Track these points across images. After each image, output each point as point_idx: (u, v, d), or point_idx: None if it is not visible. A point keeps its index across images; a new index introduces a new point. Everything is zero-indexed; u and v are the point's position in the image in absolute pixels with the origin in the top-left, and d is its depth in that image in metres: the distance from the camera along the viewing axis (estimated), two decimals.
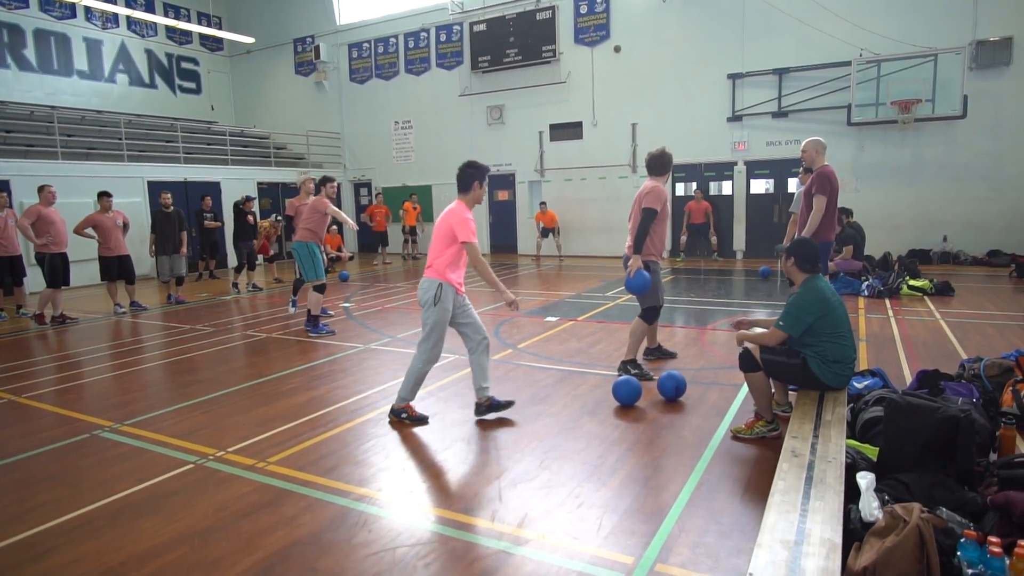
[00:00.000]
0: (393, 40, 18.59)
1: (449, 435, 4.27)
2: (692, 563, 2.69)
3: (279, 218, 13.15)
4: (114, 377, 6.14)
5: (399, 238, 17.23)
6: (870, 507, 2.60)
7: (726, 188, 14.83)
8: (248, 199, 12.35)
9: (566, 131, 16.24)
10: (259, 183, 16.65)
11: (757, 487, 3.32)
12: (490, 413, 4.52)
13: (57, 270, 9.01)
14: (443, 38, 17.71)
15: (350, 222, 8.07)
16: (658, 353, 6.07)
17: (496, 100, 17.06)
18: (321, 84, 20.01)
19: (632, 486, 3.42)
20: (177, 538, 3.04)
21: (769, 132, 13.98)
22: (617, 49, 15.35)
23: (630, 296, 9.59)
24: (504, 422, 4.47)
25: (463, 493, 3.42)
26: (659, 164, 5.69)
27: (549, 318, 7.99)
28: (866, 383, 4.26)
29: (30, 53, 16.80)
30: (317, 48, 19.43)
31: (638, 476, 3.54)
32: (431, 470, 3.75)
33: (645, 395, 4.93)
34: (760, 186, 14.54)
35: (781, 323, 3.85)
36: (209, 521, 3.18)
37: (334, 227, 11.81)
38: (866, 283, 9.26)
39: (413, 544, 2.91)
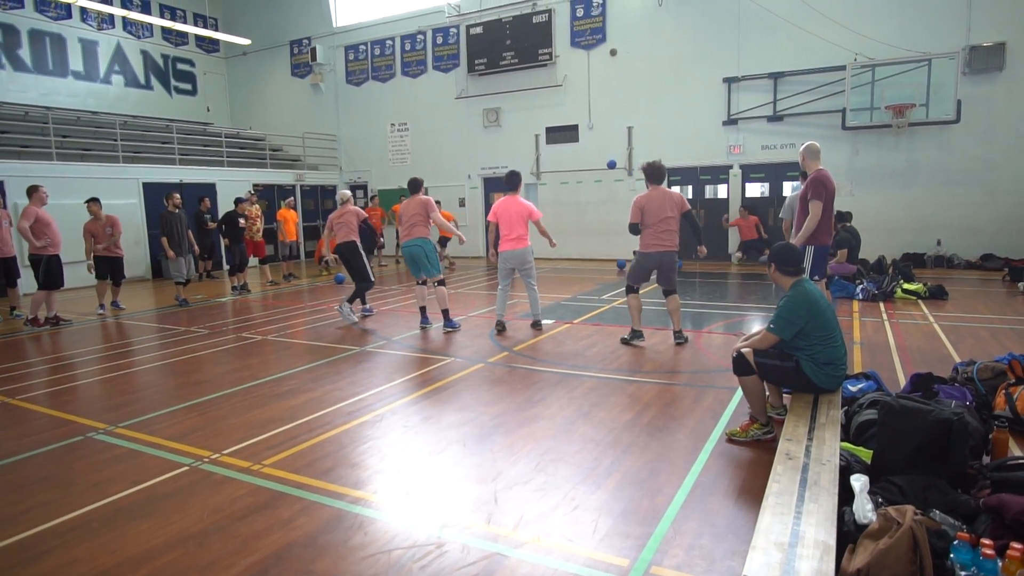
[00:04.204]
0: (390, 42, 18.60)
1: (445, 438, 4.27)
2: (687, 565, 2.70)
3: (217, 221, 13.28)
4: (108, 379, 6.12)
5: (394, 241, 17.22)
6: (864, 509, 2.62)
7: (721, 191, 14.89)
8: (239, 201, 12.32)
9: (562, 134, 16.28)
10: (255, 184, 16.61)
11: (752, 489, 3.33)
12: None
13: (53, 272, 8.97)
14: (440, 41, 17.73)
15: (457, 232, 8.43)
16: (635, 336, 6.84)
17: (492, 103, 17.09)
18: (317, 86, 20.00)
19: (627, 488, 3.43)
20: (172, 541, 3.03)
21: (764, 136, 14.04)
22: (613, 52, 15.40)
23: (625, 300, 9.66)
24: (500, 424, 4.47)
25: (459, 495, 3.42)
26: (660, 173, 6.66)
27: (545, 321, 7.99)
28: (860, 386, 4.27)
29: (25, 53, 16.75)
30: (313, 50, 19.43)
31: (633, 479, 3.55)
32: (427, 473, 3.75)
33: (640, 398, 4.95)
34: (755, 189, 14.61)
35: (772, 327, 3.88)
36: (204, 524, 3.18)
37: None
38: (860, 287, 9.30)
39: (409, 547, 2.91)
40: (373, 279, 8.76)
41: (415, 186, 8.06)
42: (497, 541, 2.94)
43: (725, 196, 14.79)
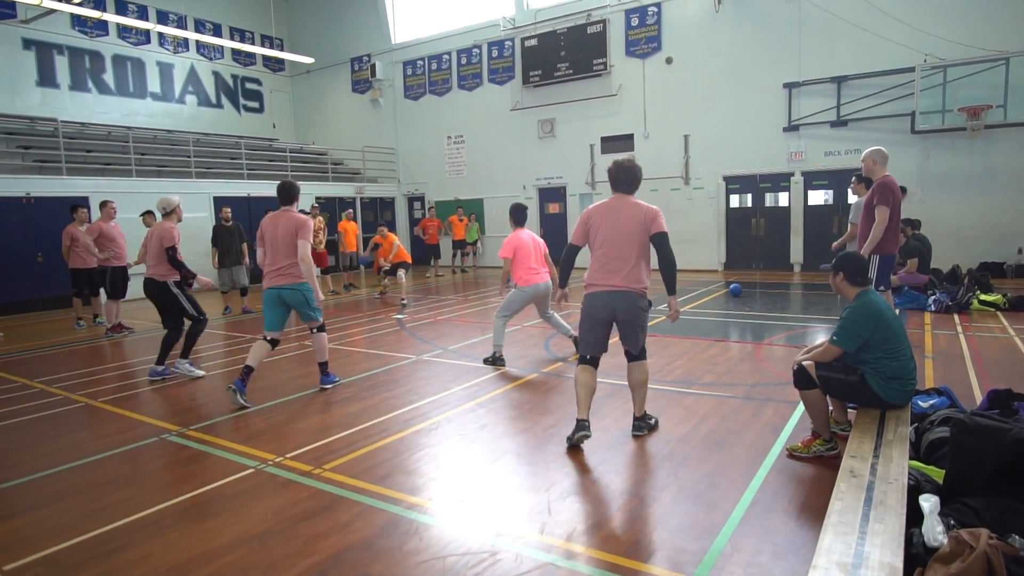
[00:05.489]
0: (446, 57, 18.97)
1: (499, 447, 4.31)
2: None
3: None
4: (179, 384, 6.43)
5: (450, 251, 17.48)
6: (934, 531, 2.50)
7: (782, 199, 14.48)
8: (300, 212, 12.74)
9: (617, 143, 16.20)
10: (317, 198, 17.19)
11: (814, 507, 3.22)
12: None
13: (117, 283, 9.58)
14: (495, 54, 17.96)
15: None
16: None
17: (547, 114, 17.17)
18: (377, 101, 20.56)
19: (683, 502, 3.37)
20: (237, 540, 3.16)
21: (828, 142, 13.60)
22: (669, 60, 15.26)
23: (681, 310, 9.47)
24: (554, 435, 4.47)
25: (512, 505, 3.44)
26: (632, 177, 4.52)
27: None
28: (932, 402, 4.08)
29: (109, 77, 17.88)
30: (373, 66, 20.01)
31: (689, 493, 3.49)
32: (481, 481, 3.78)
33: (697, 411, 4.86)
34: (818, 197, 14.14)
35: (835, 338, 3.75)
36: (268, 524, 3.30)
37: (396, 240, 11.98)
38: (933, 297, 8.87)
39: (463, 553, 2.95)
40: (201, 316, 6.63)
41: (288, 195, 5.86)
42: (550, 551, 2.94)
43: (786, 204, 14.38)
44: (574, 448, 4.17)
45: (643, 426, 4.41)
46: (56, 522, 3.45)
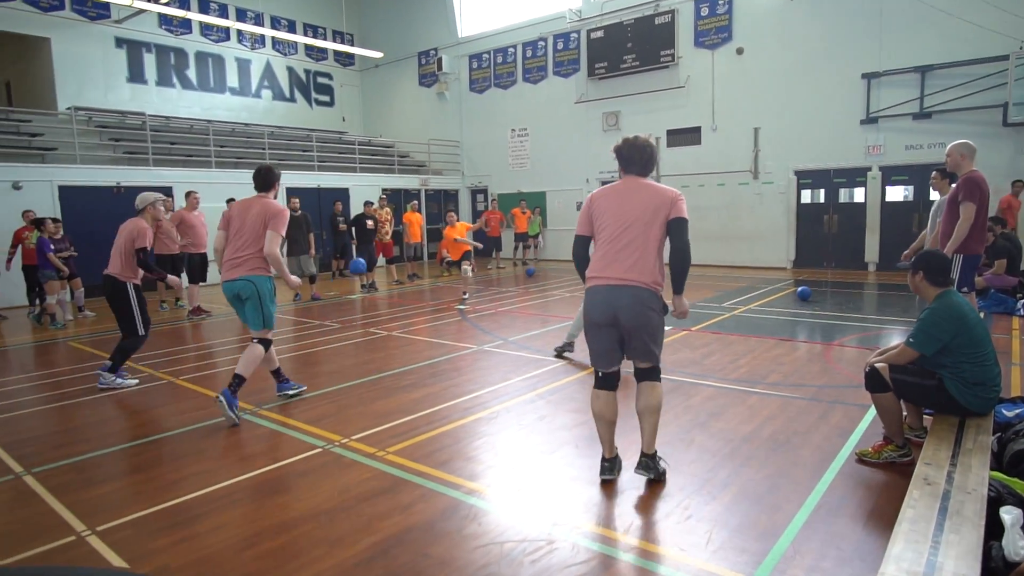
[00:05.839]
0: (511, 50, 19.02)
1: (558, 438, 4.33)
2: None
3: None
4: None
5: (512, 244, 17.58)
6: (1016, 545, 2.38)
7: (858, 195, 13.85)
8: (367, 204, 13.10)
9: (684, 136, 15.88)
10: (383, 189, 17.59)
11: (883, 515, 3.11)
12: None
13: (195, 268, 10.21)
14: (560, 46, 17.88)
15: None
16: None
17: (612, 106, 16.99)
18: (443, 94, 20.83)
19: (744, 502, 3.31)
20: (306, 514, 3.31)
21: (909, 135, 12.92)
22: (739, 51, 14.82)
23: (746, 307, 9.25)
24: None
25: (570, 496, 3.46)
26: (645, 157, 3.63)
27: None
28: (1018, 411, 3.86)
29: (192, 73, 18.81)
30: (440, 60, 20.26)
31: (751, 493, 3.42)
32: (539, 471, 3.82)
33: (761, 411, 4.75)
34: (898, 193, 13.46)
35: (912, 341, 3.58)
36: (334, 502, 3.44)
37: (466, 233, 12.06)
38: (1022, 301, 8.33)
39: (520, 540, 3.00)
40: (144, 332, 5.99)
41: (265, 181, 5.19)
42: (607, 543, 2.95)
43: (862, 200, 13.75)
44: (629, 447, 3.97)
45: (650, 467, 3.53)
46: (141, 489, 3.70)
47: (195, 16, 16.70)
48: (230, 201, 9.14)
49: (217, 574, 2.79)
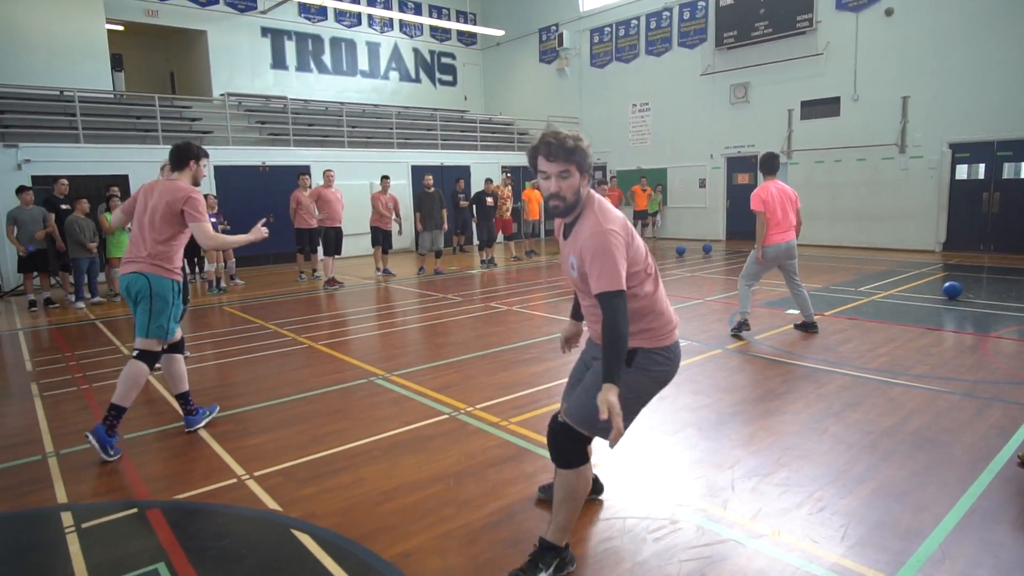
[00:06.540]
0: (635, 22, 18.49)
1: (680, 419, 4.27)
2: None
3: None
4: (384, 334, 7.16)
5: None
6: None
7: None
8: (488, 181, 13.36)
9: (820, 108, 14.79)
10: (503, 167, 17.85)
11: None
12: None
13: (330, 241, 10.91)
14: (686, 16, 17.16)
15: None
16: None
17: (740, 78, 16.13)
18: (563, 71, 20.68)
19: (885, 499, 3.12)
20: (436, 476, 3.51)
21: None
22: (889, 12, 13.50)
23: (887, 293, 8.57)
24: (738, 413, 4.34)
25: (693, 477, 3.42)
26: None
27: (790, 311, 7.45)
28: None
29: (327, 58, 19.93)
30: (560, 35, 20.10)
31: (893, 489, 3.21)
32: (660, 451, 3.79)
33: (905, 403, 4.41)
34: None
35: None
36: (461, 466, 3.62)
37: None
38: None
39: (643, 517, 3.01)
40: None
41: (179, 158, 4.13)
42: (733, 528, 2.89)
43: None
44: (756, 432, 3.99)
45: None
46: (289, 443, 4.07)
47: (330, 3, 17.62)
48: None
49: (358, 523, 3.03)
